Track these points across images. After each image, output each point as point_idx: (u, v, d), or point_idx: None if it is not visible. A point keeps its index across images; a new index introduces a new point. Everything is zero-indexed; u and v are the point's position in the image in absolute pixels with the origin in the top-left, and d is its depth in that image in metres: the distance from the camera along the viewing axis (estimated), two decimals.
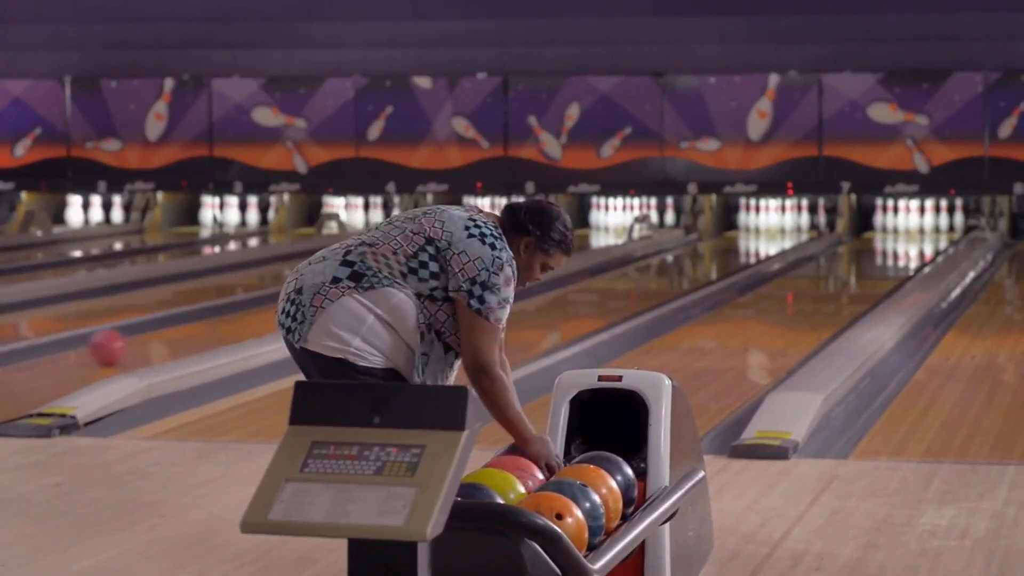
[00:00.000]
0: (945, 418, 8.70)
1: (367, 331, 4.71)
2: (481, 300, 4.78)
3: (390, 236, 4.80)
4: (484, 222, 4.85)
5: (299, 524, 3.74)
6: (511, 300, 4.87)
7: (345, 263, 4.76)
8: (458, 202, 21.90)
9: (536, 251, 4.95)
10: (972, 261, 16.92)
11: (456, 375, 5.02)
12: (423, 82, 21.18)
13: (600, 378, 5.32)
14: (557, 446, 5.25)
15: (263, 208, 22.56)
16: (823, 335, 11.55)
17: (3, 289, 14.81)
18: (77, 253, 19.82)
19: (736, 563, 5.78)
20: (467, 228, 4.79)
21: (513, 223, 4.91)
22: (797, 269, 17.45)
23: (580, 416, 5.32)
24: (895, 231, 20.86)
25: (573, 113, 20.94)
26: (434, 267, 4.76)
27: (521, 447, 4.90)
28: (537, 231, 4.90)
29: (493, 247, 4.78)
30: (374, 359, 4.73)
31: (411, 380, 4.82)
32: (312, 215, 22.36)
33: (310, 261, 4.85)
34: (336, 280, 4.74)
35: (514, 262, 4.85)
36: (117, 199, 22.81)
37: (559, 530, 4.22)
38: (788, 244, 19.97)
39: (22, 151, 22.41)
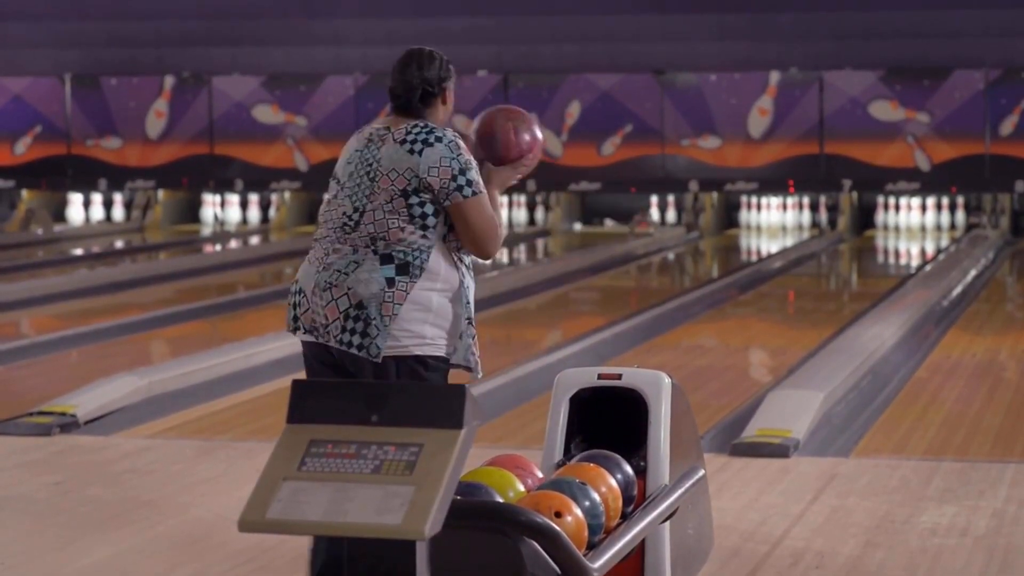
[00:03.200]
0: (946, 416, 8.70)
1: (434, 316, 4.75)
2: (469, 183, 4.73)
3: (371, 209, 4.74)
4: (408, 129, 4.77)
5: (297, 523, 3.73)
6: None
7: (384, 258, 4.71)
8: None
9: (450, 89, 4.88)
10: (973, 259, 16.91)
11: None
12: None
13: (600, 376, 5.32)
14: (557, 444, 5.25)
15: (264, 206, 22.56)
16: (824, 333, 11.54)
17: (4, 287, 14.80)
18: (78, 251, 19.82)
19: (736, 561, 5.77)
20: (408, 148, 4.73)
21: (423, 98, 4.83)
22: (798, 267, 17.44)
23: (580, 414, 5.31)
24: (896, 229, 20.85)
25: (574, 111, 20.93)
26: (428, 207, 4.73)
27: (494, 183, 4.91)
28: (437, 79, 4.83)
29: (439, 139, 4.73)
30: (440, 342, 4.77)
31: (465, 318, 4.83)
32: (313, 213, 22.34)
33: (338, 270, 4.74)
34: (391, 282, 4.70)
35: (454, 133, 4.80)
36: (118, 197, 22.81)
37: (558, 528, 4.21)
38: (789, 242, 19.96)
39: (22, 149, 22.41)
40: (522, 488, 4.61)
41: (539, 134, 4.98)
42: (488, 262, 4.90)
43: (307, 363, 4.85)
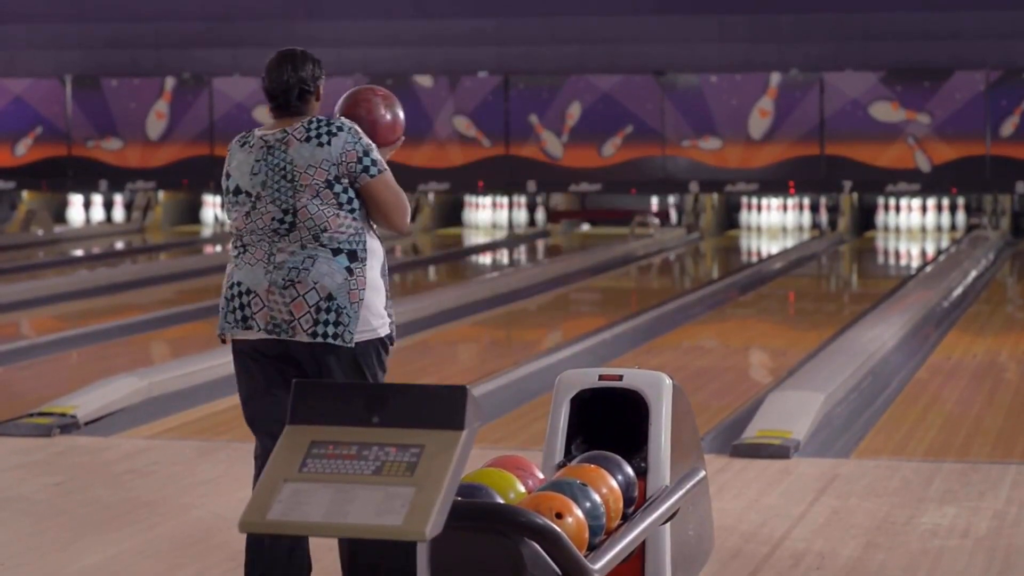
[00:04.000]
0: (946, 417, 8.70)
1: (381, 293, 4.99)
2: (373, 162, 4.93)
3: (302, 207, 4.90)
4: (306, 127, 4.95)
5: (297, 524, 3.73)
6: None
7: (334, 251, 4.90)
8: (460, 202, 21.92)
9: (322, 85, 5.09)
10: (974, 260, 16.91)
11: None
12: (424, 81, 21.17)
13: (601, 377, 5.31)
14: (558, 445, 5.25)
15: None
16: (824, 334, 11.54)
17: (4, 288, 14.80)
18: (78, 252, 19.82)
19: (737, 562, 5.77)
20: (316, 143, 4.91)
21: (300, 96, 5.01)
22: (798, 268, 17.44)
23: (581, 415, 5.31)
24: (897, 230, 20.85)
25: (574, 112, 20.92)
26: (350, 191, 4.94)
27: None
28: (311, 77, 5.03)
29: (340, 128, 4.93)
30: (390, 317, 5.02)
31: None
32: None
33: (294, 267, 4.90)
34: (350, 271, 4.90)
35: (344, 118, 4.99)
36: (118, 198, 22.81)
37: (559, 530, 4.21)
38: (789, 243, 19.96)
39: (23, 150, 22.41)
40: (523, 489, 4.61)
41: (402, 115, 5.19)
42: (402, 234, 5.28)
43: (247, 359, 4.99)
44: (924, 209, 20.86)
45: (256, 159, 4.99)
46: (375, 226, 5.04)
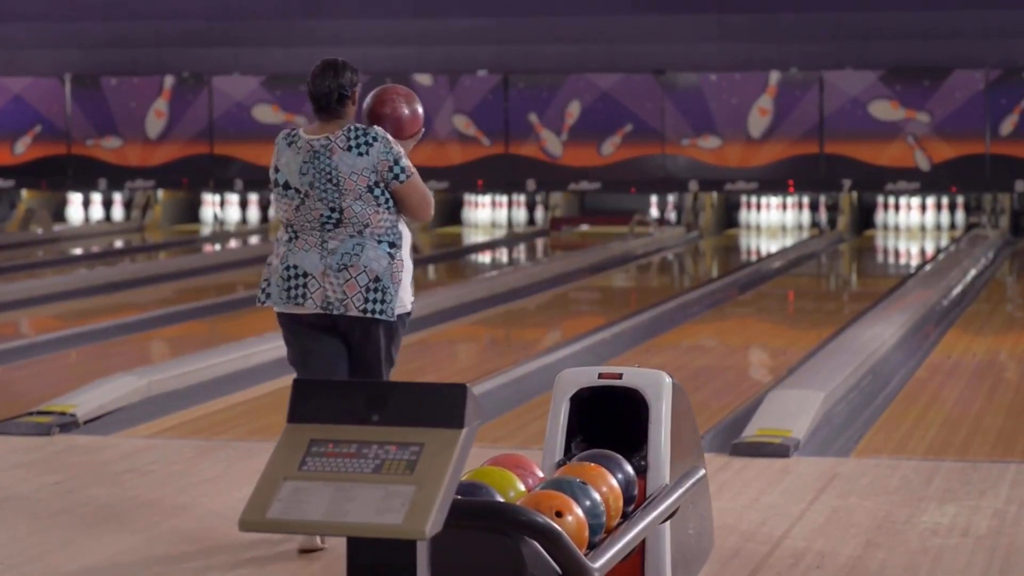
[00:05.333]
0: (946, 416, 8.69)
1: (408, 274, 5.90)
2: (403, 170, 5.76)
3: (348, 206, 5.71)
4: (347, 135, 5.73)
5: (297, 522, 3.72)
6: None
7: (378, 240, 5.74)
8: (459, 201, 21.91)
9: (358, 90, 5.85)
10: (973, 259, 16.90)
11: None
12: (424, 79, 21.16)
13: (600, 376, 5.31)
14: (558, 444, 5.24)
15: (264, 206, 22.54)
16: (824, 333, 11.53)
17: (3, 287, 14.79)
18: (77, 251, 19.81)
19: (736, 561, 5.76)
20: (356, 152, 5.72)
21: (339, 100, 5.77)
22: (798, 267, 17.43)
23: (580, 414, 5.31)
24: (896, 229, 20.84)
25: (574, 110, 20.92)
26: (386, 193, 5.77)
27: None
28: (349, 83, 5.77)
29: (375, 139, 5.74)
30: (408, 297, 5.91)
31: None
32: None
33: (346, 253, 5.71)
34: (391, 256, 5.76)
35: (377, 128, 5.79)
36: (117, 197, 22.80)
37: (559, 528, 4.21)
38: (789, 242, 19.96)
39: (22, 149, 22.40)
40: (523, 488, 4.61)
41: (421, 111, 6.01)
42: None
43: (298, 332, 5.82)
44: (924, 208, 20.85)
45: (304, 160, 5.76)
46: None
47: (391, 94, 5.91)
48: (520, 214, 21.87)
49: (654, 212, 21.45)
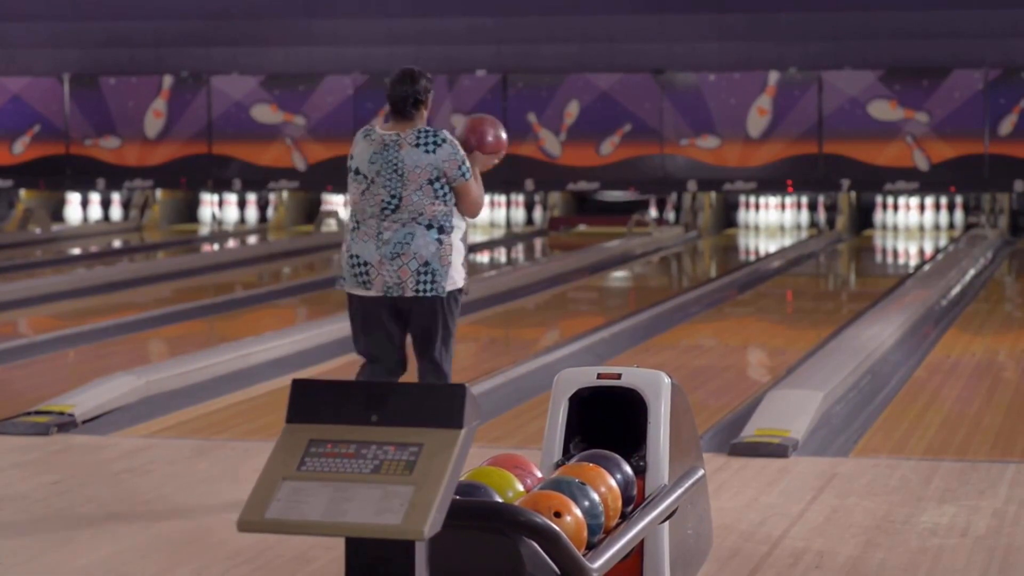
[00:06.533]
0: (945, 416, 8.69)
1: (459, 255, 6.61)
2: (469, 169, 6.59)
3: (406, 195, 6.48)
4: (417, 136, 6.53)
5: (296, 523, 3.72)
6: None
7: (428, 227, 6.49)
8: None
9: (431, 97, 6.66)
10: (972, 258, 16.90)
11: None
12: None
13: (599, 376, 5.31)
14: (556, 444, 5.24)
15: (262, 206, 22.55)
16: (823, 333, 11.53)
17: (2, 287, 14.79)
18: (76, 251, 19.80)
19: (735, 561, 5.76)
20: (424, 149, 6.50)
21: (414, 104, 6.59)
22: (797, 267, 17.43)
23: (579, 414, 5.30)
24: (895, 228, 20.85)
25: (572, 110, 20.92)
26: (445, 187, 6.54)
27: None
28: (424, 90, 6.61)
29: (444, 140, 6.55)
30: (464, 272, 6.67)
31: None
32: (311, 213, 22.35)
33: (399, 242, 6.48)
34: (440, 241, 6.51)
35: (445, 132, 6.55)
36: (116, 196, 22.80)
37: (558, 529, 4.20)
38: (788, 242, 19.96)
39: (21, 148, 22.40)
40: (521, 488, 4.60)
41: (504, 136, 6.86)
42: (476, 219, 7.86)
43: (365, 311, 6.60)
44: (922, 208, 20.86)
45: (374, 151, 6.54)
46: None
47: (481, 123, 6.80)
48: (519, 214, 21.87)
49: (652, 212, 21.44)
